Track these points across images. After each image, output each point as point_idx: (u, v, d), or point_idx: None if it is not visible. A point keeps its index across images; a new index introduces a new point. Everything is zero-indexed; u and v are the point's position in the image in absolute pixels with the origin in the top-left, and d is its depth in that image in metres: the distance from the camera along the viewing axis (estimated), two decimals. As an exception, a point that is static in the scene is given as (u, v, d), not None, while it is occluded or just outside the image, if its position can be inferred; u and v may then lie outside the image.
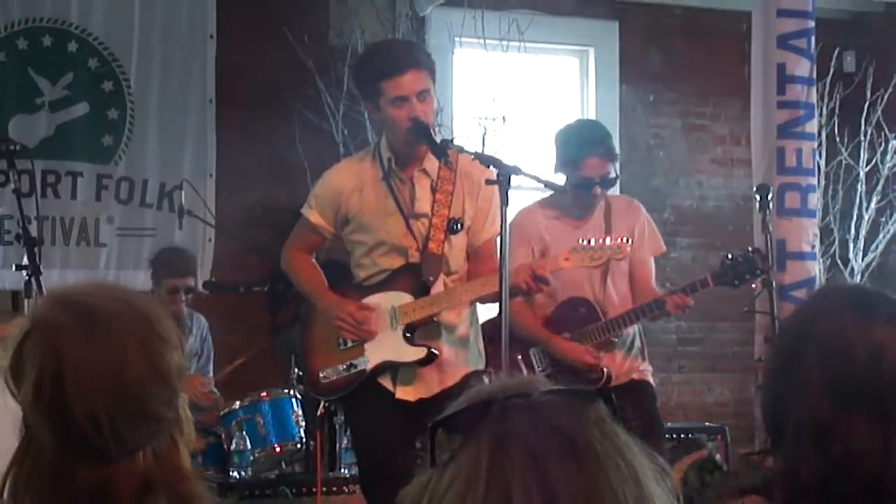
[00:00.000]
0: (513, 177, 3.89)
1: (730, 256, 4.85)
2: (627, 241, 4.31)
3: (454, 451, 1.17)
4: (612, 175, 4.99)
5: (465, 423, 1.18)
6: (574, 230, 4.90)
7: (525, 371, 5.11)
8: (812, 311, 1.76)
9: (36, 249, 4.27)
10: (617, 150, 5.11)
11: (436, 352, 4.33)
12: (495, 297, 4.23)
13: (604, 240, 4.27)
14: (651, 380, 5.18)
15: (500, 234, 3.89)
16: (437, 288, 4.36)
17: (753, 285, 5.18)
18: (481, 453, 1.14)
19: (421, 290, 4.35)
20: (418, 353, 4.33)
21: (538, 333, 5.03)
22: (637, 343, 5.19)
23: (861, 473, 1.63)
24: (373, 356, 4.37)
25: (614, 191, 5.75)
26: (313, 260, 4.60)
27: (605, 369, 4.93)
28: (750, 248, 4.94)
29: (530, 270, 4.16)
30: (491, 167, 3.95)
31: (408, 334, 4.36)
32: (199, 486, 1.78)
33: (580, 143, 4.95)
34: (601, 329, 4.97)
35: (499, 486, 1.12)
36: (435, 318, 4.36)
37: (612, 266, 4.95)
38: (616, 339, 5.04)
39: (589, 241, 4.25)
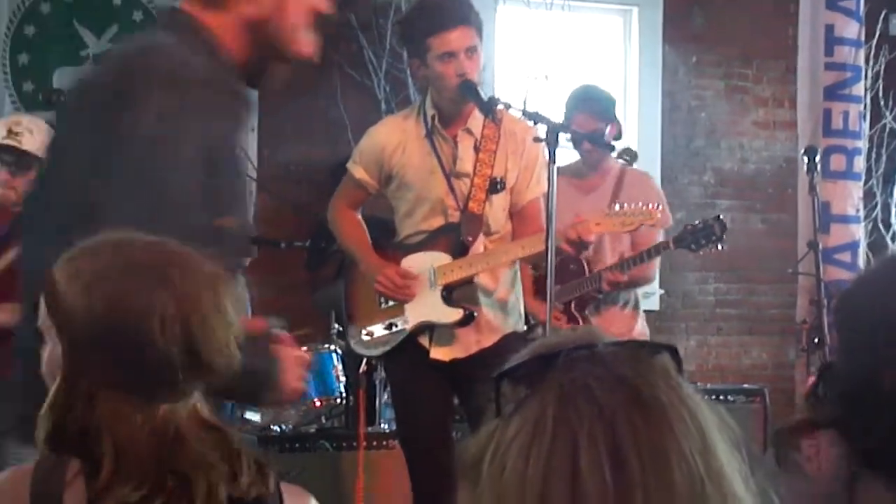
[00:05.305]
0: (560, 135, 3.89)
1: (694, 224, 4.74)
2: (658, 206, 4.28)
3: (519, 401, 1.17)
4: (604, 135, 4.99)
5: (529, 374, 1.18)
6: (582, 195, 5.02)
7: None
8: (886, 281, 1.75)
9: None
10: (616, 114, 5.13)
11: (474, 313, 4.32)
12: (537, 259, 4.22)
13: (636, 204, 4.24)
14: None
15: (548, 192, 3.87)
16: (477, 248, 4.34)
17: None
18: (547, 404, 1.14)
19: (460, 250, 4.34)
20: (455, 314, 4.33)
21: None
22: (634, 302, 5.24)
23: None
24: (412, 316, 4.38)
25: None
26: (359, 216, 4.59)
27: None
28: (718, 216, 4.75)
29: (567, 235, 4.09)
30: (539, 125, 3.93)
31: (446, 295, 4.36)
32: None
33: (571, 102, 5.13)
34: (577, 285, 5.03)
35: (565, 436, 1.12)
36: (473, 280, 4.36)
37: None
38: (600, 297, 5.09)
39: (622, 206, 4.22)
